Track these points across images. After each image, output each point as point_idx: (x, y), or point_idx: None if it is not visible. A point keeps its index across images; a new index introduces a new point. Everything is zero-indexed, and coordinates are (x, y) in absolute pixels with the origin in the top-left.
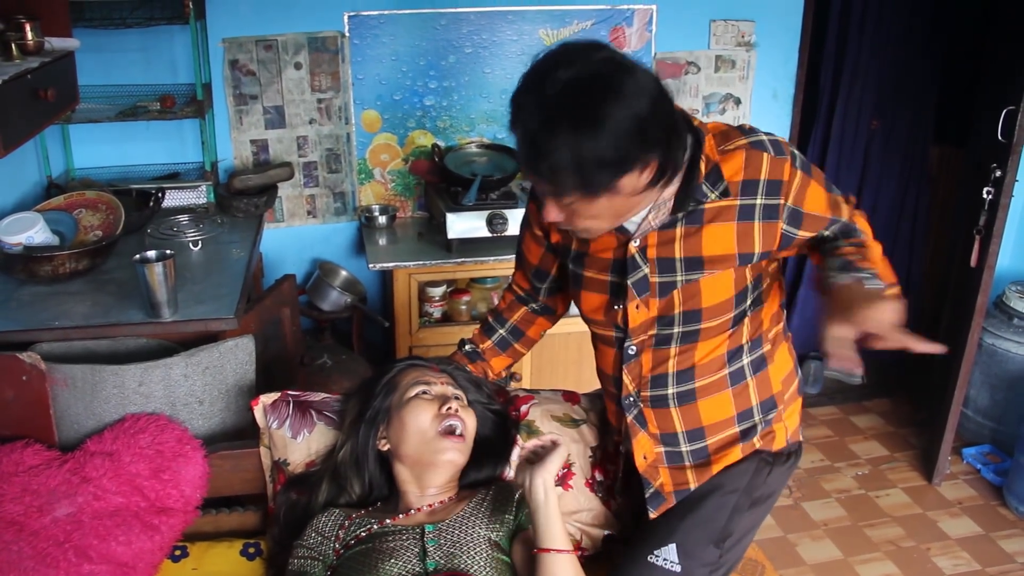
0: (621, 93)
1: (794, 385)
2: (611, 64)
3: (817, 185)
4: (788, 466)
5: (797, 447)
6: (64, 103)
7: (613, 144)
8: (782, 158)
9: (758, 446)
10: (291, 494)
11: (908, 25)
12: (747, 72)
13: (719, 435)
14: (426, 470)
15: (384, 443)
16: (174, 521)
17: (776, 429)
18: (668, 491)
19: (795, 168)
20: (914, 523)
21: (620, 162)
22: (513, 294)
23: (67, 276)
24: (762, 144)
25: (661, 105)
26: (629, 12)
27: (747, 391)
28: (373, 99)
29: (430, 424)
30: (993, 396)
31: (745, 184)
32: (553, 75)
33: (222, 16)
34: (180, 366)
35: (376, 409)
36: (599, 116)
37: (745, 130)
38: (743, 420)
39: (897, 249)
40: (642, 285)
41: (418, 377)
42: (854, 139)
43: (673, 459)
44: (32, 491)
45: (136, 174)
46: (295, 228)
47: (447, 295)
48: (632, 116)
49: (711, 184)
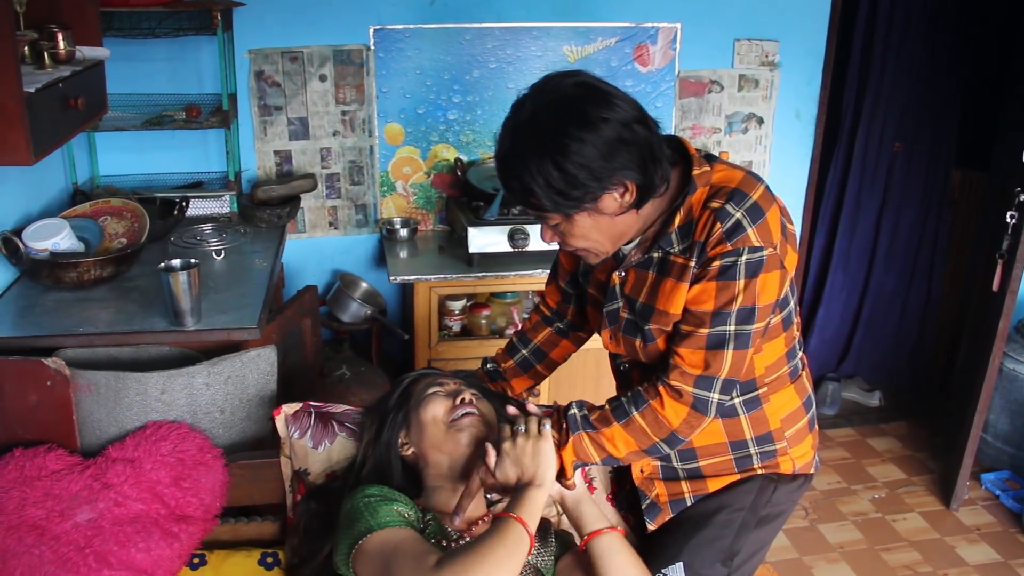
0: (588, 116)
1: (801, 422)
2: (582, 88)
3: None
4: (796, 486)
5: (807, 475)
6: (93, 111)
7: (580, 165)
8: (727, 245)
9: (760, 473)
10: (312, 505)
11: (932, 49)
12: (770, 92)
13: (712, 458)
14: (452, 458)
15: (407, 448)
16: (193, 529)
17: (781, 461)
18: (664, 501)
19: (729, 261)
20: (931, 548)
21: (589, 183)
22: (540, 314)
23: (92, 283)
24: (728, 218)
25: (634, 130)
26: (653, 30)
27: (739, 424)
28: (397, 112)
29: (444, 415)
30: (1013, 422)
31: (694, 244)
32: (525, 104)
33: (249, 27)
34: (203, 375)
35: (394, 420)
36: (564, 139)
37: (739, 196)
38: (737, 448)
39: (917, 273)
40: (613, 316)
41: (430, 382)
42: (876, 161)
43: (668, 473)
44: (54, 496)
45: (160, 182)
46: (317, 239)
47: (467, 309)
48: (600, 138)
49: (681, 236)
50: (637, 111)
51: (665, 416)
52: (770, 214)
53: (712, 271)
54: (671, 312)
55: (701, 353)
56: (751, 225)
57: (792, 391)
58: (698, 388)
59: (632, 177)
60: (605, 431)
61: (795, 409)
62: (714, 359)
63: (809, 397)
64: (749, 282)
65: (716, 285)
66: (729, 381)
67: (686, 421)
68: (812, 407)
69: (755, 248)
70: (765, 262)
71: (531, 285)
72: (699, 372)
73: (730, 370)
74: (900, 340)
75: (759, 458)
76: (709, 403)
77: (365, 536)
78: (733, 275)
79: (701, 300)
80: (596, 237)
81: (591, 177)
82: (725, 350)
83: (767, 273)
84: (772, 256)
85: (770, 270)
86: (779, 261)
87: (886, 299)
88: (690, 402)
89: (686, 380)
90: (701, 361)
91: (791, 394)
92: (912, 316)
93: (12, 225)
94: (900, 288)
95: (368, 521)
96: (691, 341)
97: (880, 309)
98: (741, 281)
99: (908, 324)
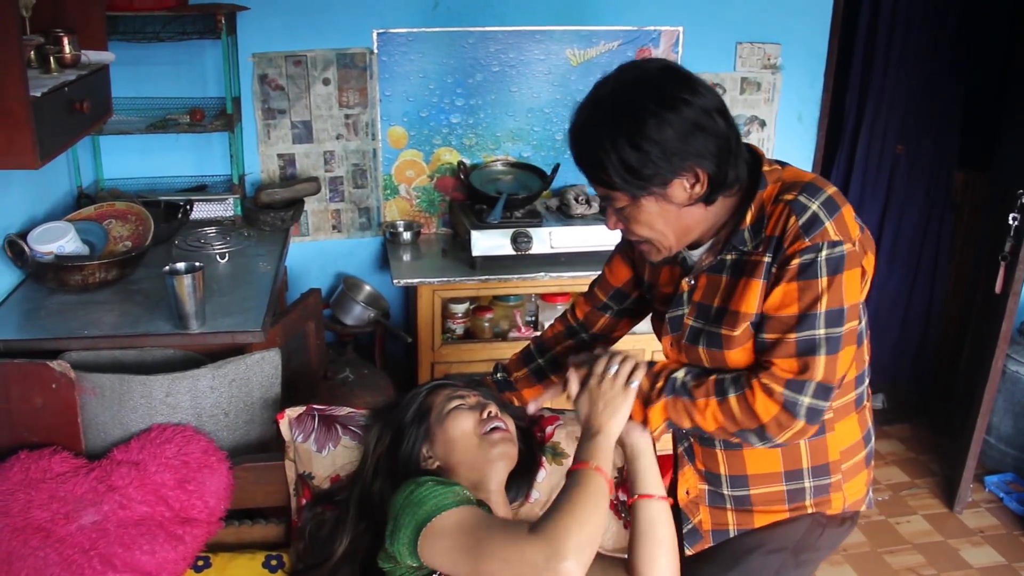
0: (669, 96)
1: (859, 456)
2: (665, 72)
3: (807, 304)
4: (843, 529)
5: (854, 514)
6: (98, 115)
7: (655, 142)
8: (805, 240)
9: (811, 511)
10: (318, 510)
11: (934, 51)
12: (772, 94)
13: (764, 488)
14: (482, 474)
15: (432, 461)
16: (198, 531)
17: (833, 498)
18: (706, 529)
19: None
20: (935, 551)
21: (661, 164)
22: (563, 324)
23: (97, 286)
24: (804, 211)
25: (714, 119)
26: (656, 33)
27: (798, 451)
28: (400, 115)
29: (474, 429)
30: (1017, 424)
31: (769, 239)
32: (607, 82)
33: (253, 31)
34: (207, 378)
35: (414, 434)
36: (643, 114)
37: (812, 189)
38: (792, 479)
39: (920, 275)
40: (676, 323)
41: (450, 394)
42: (878, 164)
43: (715, 500)
44: (59, 498)
45: (164, 185)
46: (320, 242)
47: (470, 312)
48: (679, 120)
49: (753, 233)
50: (719, 102)
51: (756, 409)
52: (845, 209)
53: (791, 271)
54: (743, 311)
55: (792, 360)
56: (828, 218)
57: (855, 421)
58: (789, 390)
59: (705, 166)
60: (700, 402)
61: (855, 442)
62: (807, 365)
63: (869, 431)
64: (832, 279)
65: (798, 286)
66: (823, 386)
67: (775, 419)
68: (871, 442)
69: (834, 243)
70: (846, 257)
71: (534, 288)
72: (791, 377)
73: (825, 374)
74: (903, 342)
75: (812, 493)
76: (799, 405)
77: (436, 515)
78: (815, 273)
79: (785, 304)
80: (661, 227)
81: (664, 158)
82: (817, 355)
83: (850, 271)
84: (852, 252)
85: (852, 267)
86: (859, 259)
87: (889, 301)
88: (781, 401)
89: (777, 381)
90: (793, 368)
91: (853, 425)
92: (915, 318)
93: (17, 228)
94: (903, 290)
95: (437, 501)
96: (781, 348)
97: (883, 311)
98: (824, 279)
99: (911, 326)
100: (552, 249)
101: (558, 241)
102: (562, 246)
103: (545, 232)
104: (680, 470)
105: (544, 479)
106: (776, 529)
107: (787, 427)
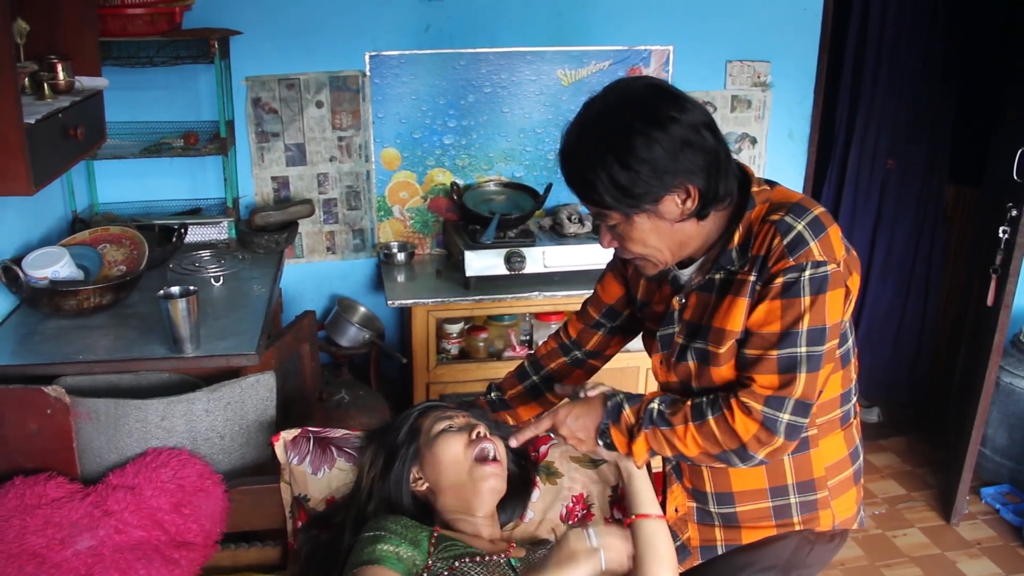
0: (657, 115)
1: (846, 473)
2: (652, 89)
3: (790, 322)
4: (833, 546)
5: (844, 532)
6: (92, 140)
7: (644, 162)
8: (789, 260)
9: (799, 528)
10: (314, 533)
11: (923, 66)
12: (763, 112)
13: (750, 504)
14: (471, 498)
15: (421, 483)
16: (194, 555)
17: (822, 515)
18: (695, 546)
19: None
20: (932, 564)
21: (652, 182)
22: (558, 341)
23: (91, 310)
24: (789, 231)
25: (702, 134)
26: (646, 53)
27: (782, 468)
28: (393, 137)
29: (464, 453)
30: (1011, 435)
31: (755, 259)
32: (595, 103)
33: (246, 55)
34: (202, 401)
35: (404, 455)
36: (631, 134)
37: (799, 209)
38: (777, 496)
39: (913, 288)
40: (667, 341)
41: (439, 415)
42: (870, 179)
43: (703, 517)
44: (54, 523)
45: (159, 209)
46: (315, 264)
47: (465, 332)
48: (668, 138)
49: (741, 252)
50: (707, 117)
51: (736, 428)
52: (832, 230)
53: (775, 289)
54: (727, 329)
55: (774, 377)
56: (813, 239)
57: (841, 438)
58: (768, 407)
59: (696, 182)
60: (679, 429)
61: (841, 458)
62: (787, 383)
63: (857, 448)
64: (815, 299)
65: (781, 304)
66: (802, 403)
67: (755, 437)
68: (859, 459)
69: (818, 263)
70: (830, 278)
71: (528, 308)
72: (770, 394)
73: (804, 392)
74: (898, 356)
75: (799, 509)
76: (779, 423)
77: (355, 568)
78: (798, 292)
79: (767, 321)
80: (655, 243)
81: (654, 176)
82: (798, 373)
83: (833, 291)
84: (836, 273)
85: (835, 287)
86: (843, 280)
87: (883, 315)
88: (760, 419)
89: (756, 399)
90: (773, 384)
91: (839, 441)
92: (909, 332)
93: (12, 254)
94: (896, 304)
95: (356, 556)
96: (762, 365)
97: (877, 325)
98: (807, 298)
99: (905, 340)
100: (546, 268)
101: (551, 260)
102: (556, 265)
103: (538, 251)
104: (668, 488)
105: (538, 499)
106: (765, 547)
107: (767, 444)
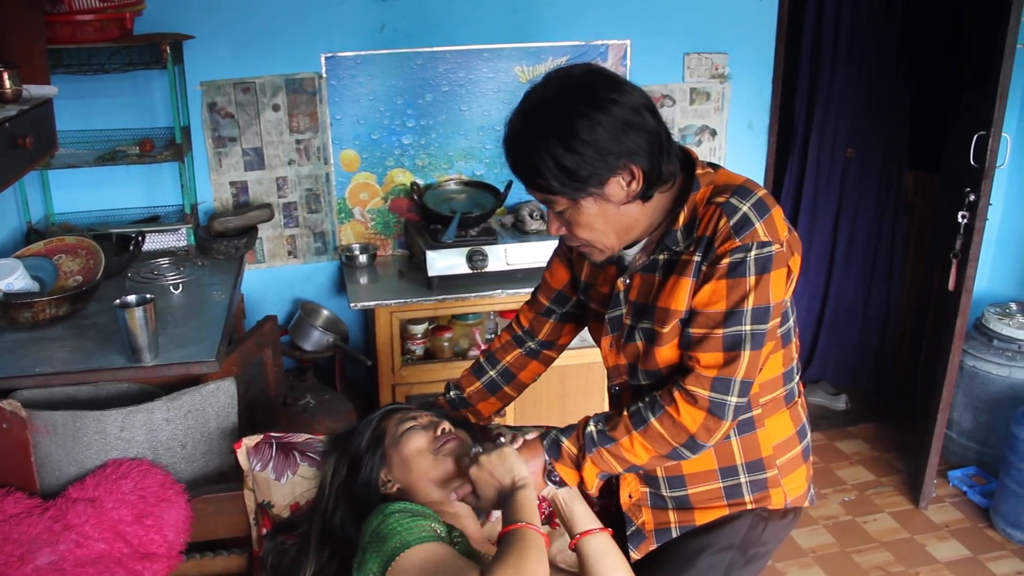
0: (598, 97)
1: (794, 451)
2: (591, 74)
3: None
4: (786, 522)
5: (797, 509)
6: (43, 150)
7: (588, 143)
8: (736, 240)
9: (751, 507)
10: (278, 540)
11: (880, 54)
12: (722, 104)
13: (701, 486)
14: (441, 483)
15: (391, 485)
16: (158, 567)
17: (773, 494)
18: (649, 530)
19: (739, 258)
20: (902, 548)
21: (596, 164)
22: (511, 333)
23: (47, 322)
24: (735, 212)
25: (643, 116)
26: (603, 47)
27: (730, 448)
28: (351, 139)
29: (428, 446)
30: (976, 418)
31: (700, 240)
32: (536, 90)
33: (200, 59)
34: (162, 410)
35: (370, 460)
36: (573, 116)
37: (743, 192)
38: (727, 476)
39: (876, 275)
40: (616, 323)
41: (402, 416)
42: (830, 168)
43: (656, 501)
44: (13, 540)
45: (116, 218)
46: (276, 269)
47: (429, 332)
48: (610, 120)
49: (685, 233)
50: (647, 100)
51: (682, 422)
52: (775, 211)
53: (721, 269)
54: (672, 308)
55: (719, 355)
56: (759, 220)
57: (787, 417)
58: (715, 392)
59: (640, 163)
60: (623, 442)
61: (788, 437)
62: (732, 360)
63: (804, 426)
64: (760, 278)
65: (727, 283)
66: (746, 383)
67: (703, 426)
68: (806, 437)
69: (764, 243)
70: (774, 257)
71: (491, 306)
72: (716, 374)
73: (747, 371)
74: (863, 342)
75: (749, 488)
76: (727, 406)
77: (402, 552)
78: (743, 272)
79: (713, 300)
80: (601, 227)
81: (599, 158)
82: (742, 350)
83: (777, 270)
84: (780, 253)
85: (779, 267)
86: (786, 260)
87: (847, 303)
88: (706, 407)
89: (702, 384)
90: (718, 362)
91: (785, 420)
92: (874, 318)
93: None
94: (860, 291)
95: (404, 536)
96: (707, 344)
97: (842, 313)
98: (752, 278)
99: (870, 326)
100: (508, 266)
101: (514, 258)
102: (518, 262)
103: (501, 249)
104: (621, 476)
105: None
106: (720, 528)
107: (715, 430)
